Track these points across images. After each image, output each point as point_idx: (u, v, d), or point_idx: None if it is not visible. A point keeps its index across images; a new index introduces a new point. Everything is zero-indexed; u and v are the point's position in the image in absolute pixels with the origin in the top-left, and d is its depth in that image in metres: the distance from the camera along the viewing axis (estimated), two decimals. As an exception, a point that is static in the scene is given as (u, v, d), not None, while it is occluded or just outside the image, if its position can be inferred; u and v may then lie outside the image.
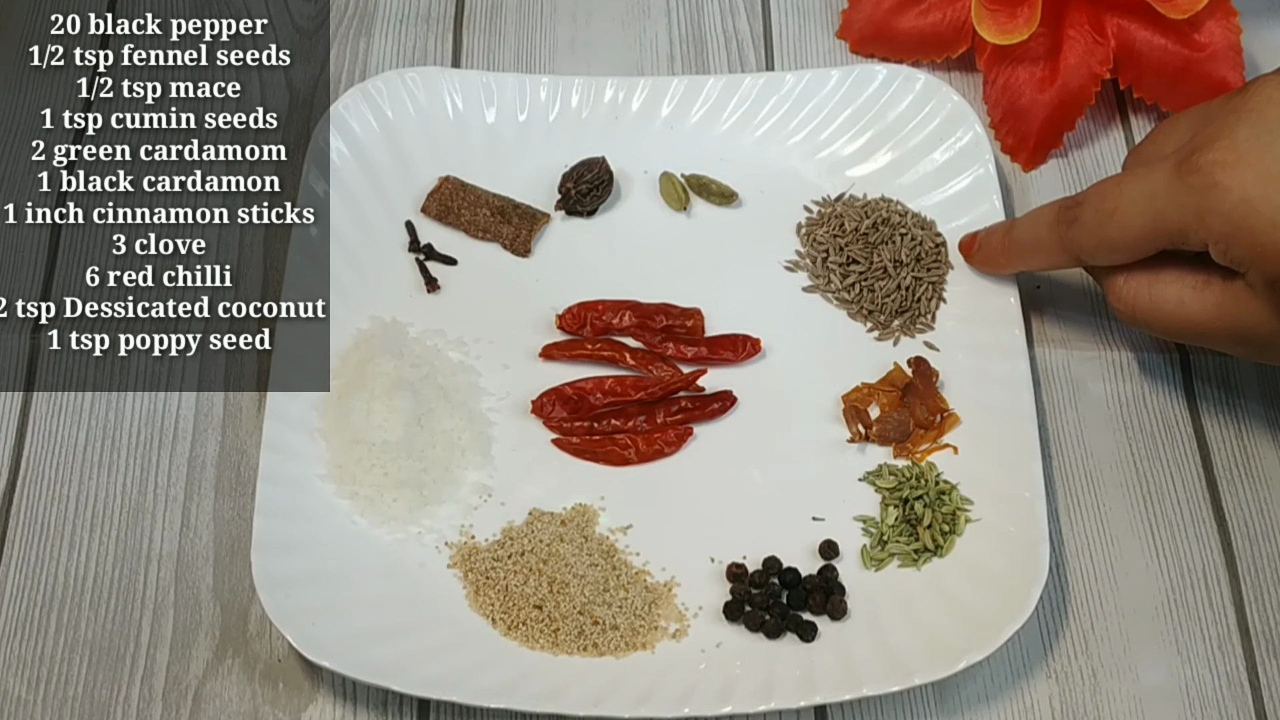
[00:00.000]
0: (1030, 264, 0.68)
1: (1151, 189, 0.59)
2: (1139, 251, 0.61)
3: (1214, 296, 0.60)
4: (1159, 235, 0.59)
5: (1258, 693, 0.63)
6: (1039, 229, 0.65)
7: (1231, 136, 0.57)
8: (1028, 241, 0.66)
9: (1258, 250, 0.56)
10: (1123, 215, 0.60)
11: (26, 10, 0.82)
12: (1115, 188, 0.61)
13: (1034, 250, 0.66)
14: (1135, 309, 0.62)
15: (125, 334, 0.70)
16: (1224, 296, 0.59)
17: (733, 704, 0.58)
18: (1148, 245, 0.61)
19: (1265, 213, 0.55)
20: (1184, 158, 0.58)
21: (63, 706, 0.61)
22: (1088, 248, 0.63)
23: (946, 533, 0.64)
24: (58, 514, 0.66)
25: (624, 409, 0.68)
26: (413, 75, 0.75)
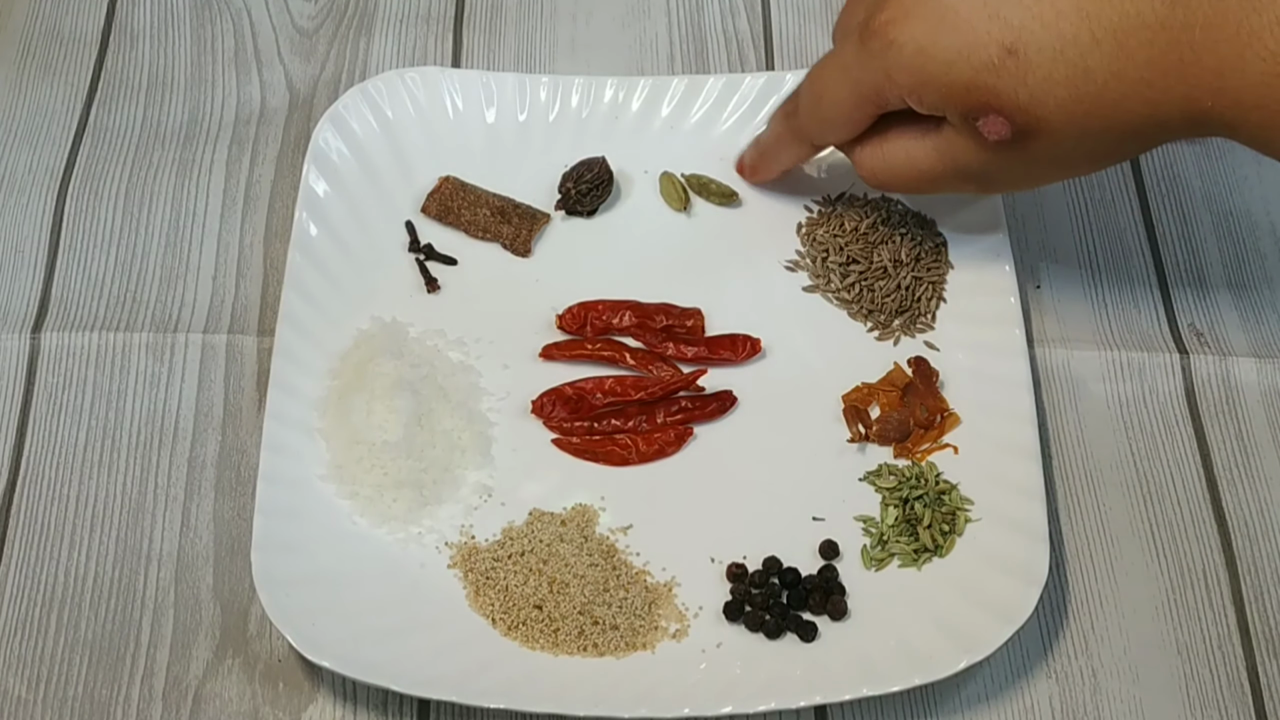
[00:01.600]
0: (783, 160, 0.72)
1: (845, 62, 0.63)
2: (855, 121, 0.65)
3: (931, 143, 0.63)
4: (864, 102, 0.63)
5: (1258, 693, 0.63)
6: (775, 127, 0.71)
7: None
8: (772, 142, 0.71)
9: (943, 92, 0.59)
10: (830, 94, 0.64)
11: (26, 10, 0.82)
12: (819, 71, 0.65)
13: (778, 147, 0.71)
14: (875, 172, 0.66)
15: (125, 334, 0.70)
16: (939, 141, 0.62)
17: (733, 704, 0.58)
18: (860, 115, 0.64)
19: (939, 56, 0.59)
20: (864, 24, 0.61)
21: (63, 706, 0.61)
22: (813, 129, 0.67)
23: (946, 533, 0.64)
24: (58, 514, 0.66)
25: (624, 409, 0.68)
26: (413, 75, 0.75)
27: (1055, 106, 0.58)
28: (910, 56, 0.59)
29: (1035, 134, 0.59)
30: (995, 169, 0.62)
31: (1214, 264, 0.75)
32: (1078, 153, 0.61)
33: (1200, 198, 0.77)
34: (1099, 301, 0.73)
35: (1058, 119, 0.58)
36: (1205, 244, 0.76)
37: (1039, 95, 0.57)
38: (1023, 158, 0.60)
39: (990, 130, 0.59)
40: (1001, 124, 0.59)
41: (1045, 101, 0.58)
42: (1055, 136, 0.59)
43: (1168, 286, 0.74)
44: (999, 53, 0.57)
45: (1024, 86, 0.57)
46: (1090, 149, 0.60)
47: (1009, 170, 0.62)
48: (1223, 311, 0.73)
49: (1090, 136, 0.59)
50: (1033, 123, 0.58)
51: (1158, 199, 0.77)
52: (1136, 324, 0.73)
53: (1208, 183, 0.78)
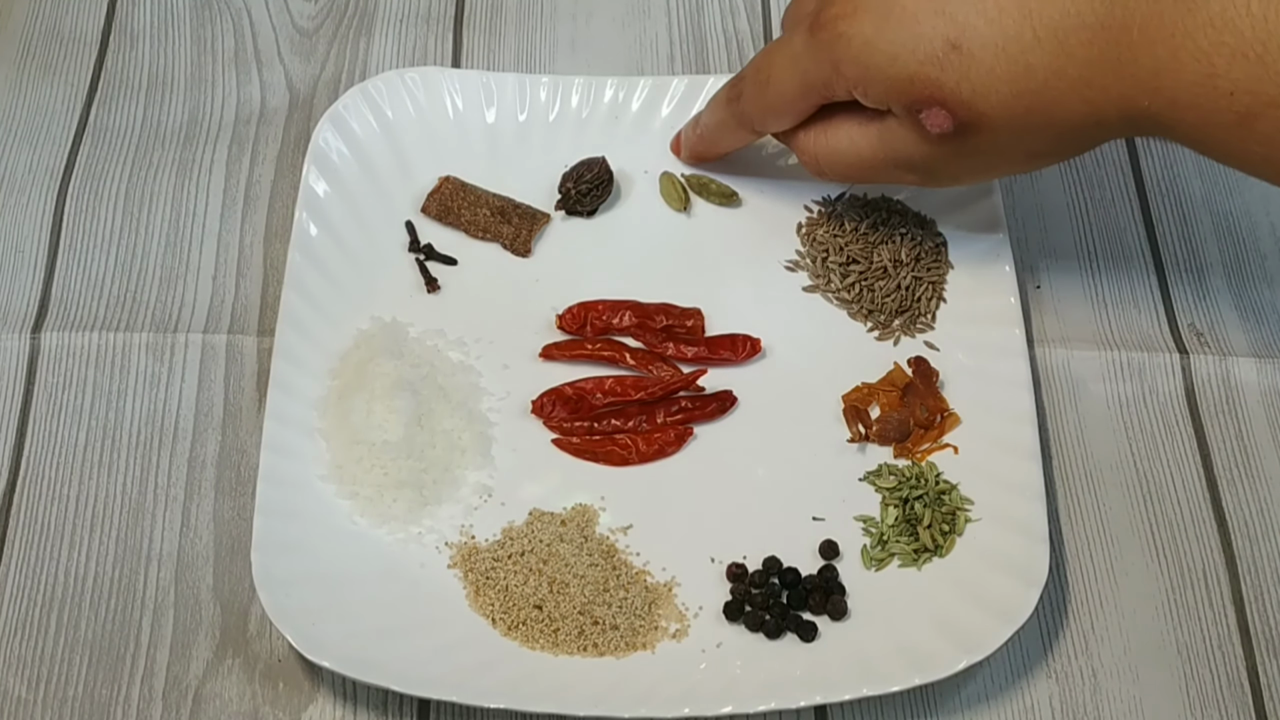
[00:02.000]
0: (723, 145, 0.73)
1: (794, 52, 0.64)
2: (799, 110, 0.66)
3: (875, 133, 0.64)
4: (810, 92, 0.64)
5: (1258, 693, 0.63)
6: (718, 111, 0.71)
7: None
8: (713, 125, 0.72)
9: (887, 85, 0.61)
10: (776, 81, 0.65)
11: (26, 10, 0.82)
12: (767, 58, 0.66)
13: (720, 131, 0.71)
14: (818, 159, 0.67)
15: (125, 334, 0.70)
16: (882, 131, 0.63)
17: (733, 704, 0.58)
18: (804, 103, 0.65)
19: (885, 49, 0.60)
20: (814, 16, 0.62)
21: (63, 706, 0.61)
22: (756, 116, 0.68)
23: (946, 532, 0.64)
24: (58, 514, 0.66)
25: (624, 409, 0.68)
26: (413, 75, 0.75)
27: (997, 102, 0.59)
28: (858, 49, 0.61)
29: (976, 128, 0.60)
30: (936, 161, 0.63)
31: (1214, 264, 0.75)
32: (1017, 148, 0.62)
33: (1200, 198, 0.77)
34: (1099, 301, 0.73)
35: (999, 114, 0.59)
36: (1205, 244, 0.76)
37: (981, 90, 0.59)
38: (963, 151, 0.62)
39: (933, 123, 0.60)
40: (944, 117, 0.60)
41: (987, 96, 0.59)
42: (996, 131, 0.60)
43: (1168, 286, 0.74)
44: (944, 47, 0.58)
45: (967, 81, 0.59)
46: (1030, 145, 0.61)
47: (949, 163, 0.63)
48: (1223, 311, 0.73)
49: (1030, 132, 0.60)
50: (974, 117, 0.59)
51: (1158, 199, 0.77)
52: (1136, 324, 0.73)
53: (1208, 183, 0.78)
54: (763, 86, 0.66)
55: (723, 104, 0.70)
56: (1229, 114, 0.55)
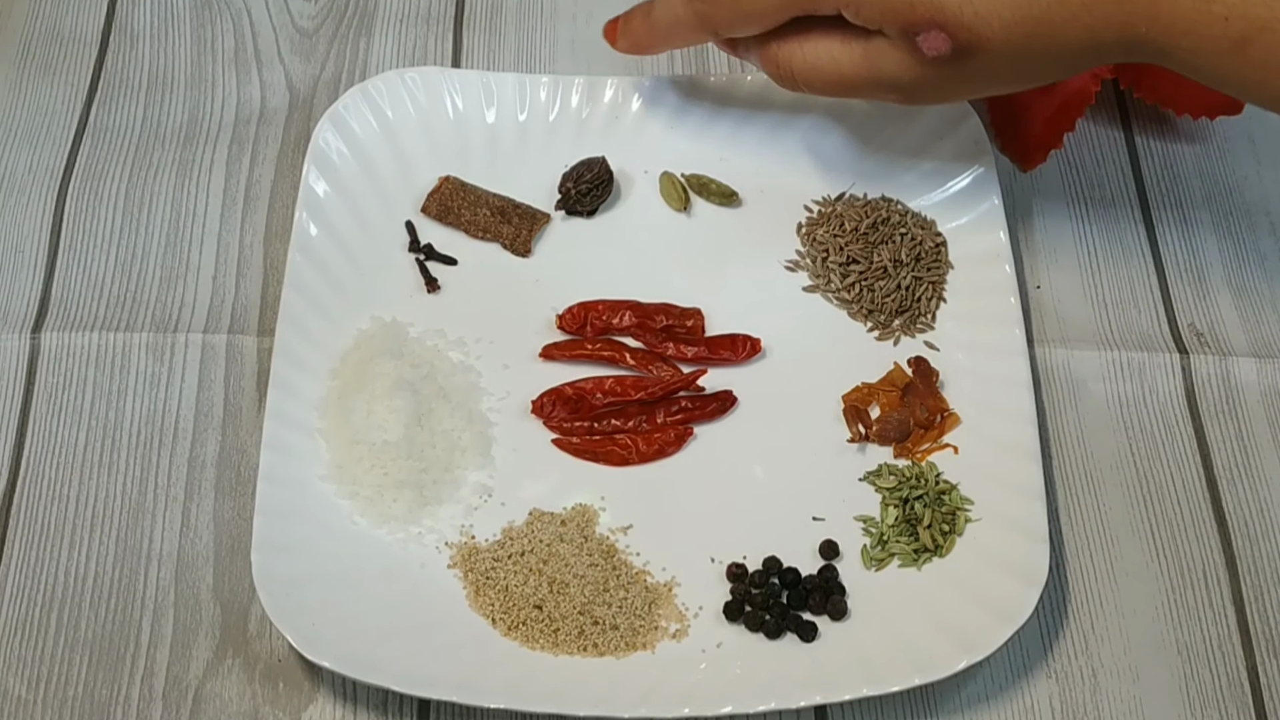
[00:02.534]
0: (672, 42, 0.70)
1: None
2: (772, 19, 0.64)
3: (860, 50, 0.62)
4: (792, 3, 0.63)
5: (1258, 693, 0.63)
6: (675, 8, 0.67)
7: None
8: (667, 20, 0.68)
9: (884, 7, 0.60)
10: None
11: (26, 10, 0.82)
12: None
13: (674, 28, 0.68)
14: (793, 71, 0.65)
15: (125, 334, 0.70)
16: (869, 49, 0.62)
17: (733, 704, 0.58)
18: (782, 14, 0.63)
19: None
20: None
21: (63, 706, 0.61)
22: (723, 20, 0.65)
23: (946, 532, 0.64)
24: (58, 514, 0.66)
25: (624, 409, 0.68)
26: (413, 75, 0.75)
27: (999, 26, 0.59)
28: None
29: (974, 52, 0.60)
30: (925, 82, 0.62)
31: (1214, 264, 0.75)
32: (1010, 71, 0.62)
33: (1200, 198, 0.77)
34: (1099, 301, 0.73)
35: (1000, 38, 0.59)
36: (1205, 244, 0.76)
37: (984, 14, 0.59)
38: (956, 74, 0.61)
39: (930, 46, 0.60)
40: (942, 40, 0.60)
41: (989, 21, 0.59)
42: (994, 55, 0.60)
43: (1168, 286, 0.74)
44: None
45: (970, 5, 0.59)
46: (1024, 69, 0.62)
47: (938, 85, 0.62)
48: (1223, 311, 0.73)
49: (1028, 57, 0.60)
50: (974, 40, 0.59)
51: (1158, 199, 0.77)
52: (1136, 324, 0.73)
53: (1208, 183, 0.78)
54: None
55: (683, 1, 0.67)
56: (1224, 39, 0.56)
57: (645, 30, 0.69)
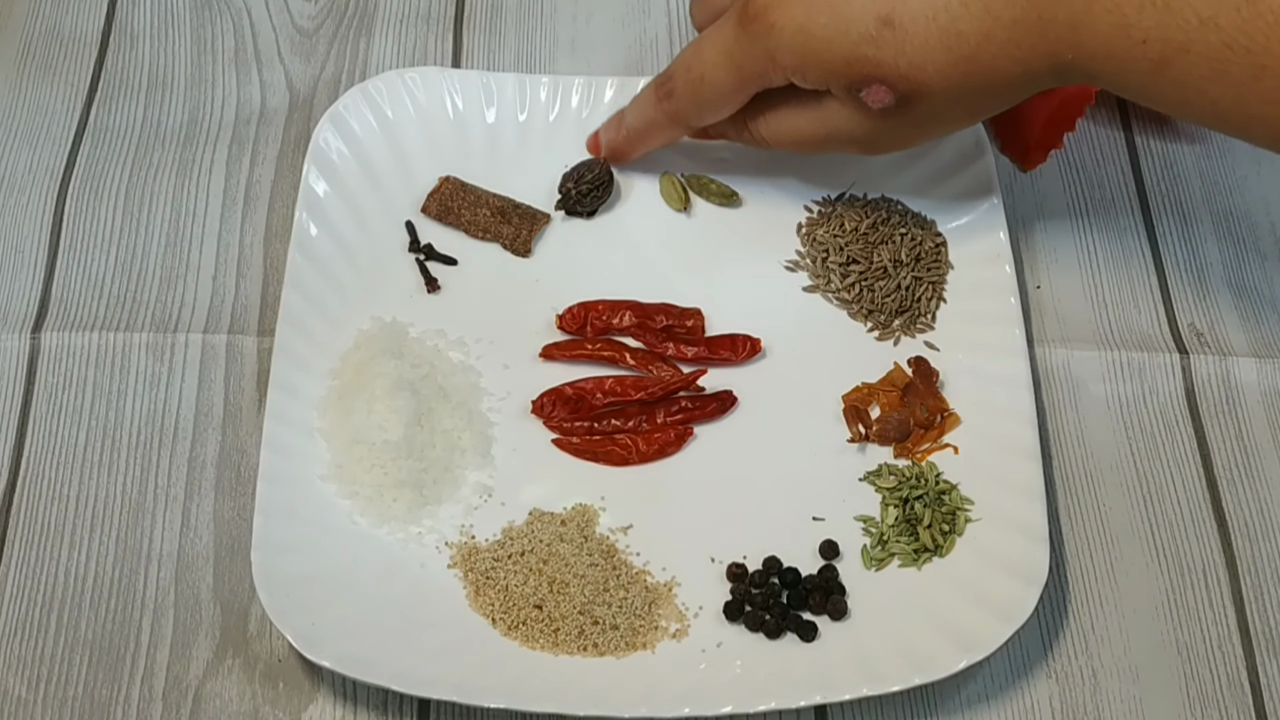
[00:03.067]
0: (652, 144, 0.72)
1: (726, 46, 0.65)
2: (736, 103, 0.67)
3: (816, 113, 0.65)
4: (747, 84, 0.65)
5: (1258, 693, 0.63)
6: (646, 111, 0.71)
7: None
8: (640, 125, 0.71)
9: (825, 68, 0.62)
10: (710, 78, 0.66)
11: (26, 10, 0.82)
12: (696, 54, 0.67)
13: (649, 131, 0.71)
14: (764, 141, 0.68)
15: (125, 334, 0.70)
16: (823, 110, 0.65)
17: (733, 704, 0.58)
18: (741, 95, 0.66)
19: (819, 34, 0.61)
20: (742, 9, 0.63)
21: (63, 706, 0.61)
22: (691, 114, 0.69)
23: (946, 532, 0.64)
24: (58, 514, 0.66)
25: (624, 409, 0.68)
26: (413, 75, 0.75)
27: (934, 71, 0.60)
28: (791, 37, 0.62)
29: (917, 98, 0.62)
30: (878, 133, 0.64)
31: (1214, 264, 0.75)
32: (958, 110, 0.64)
33: (1200, 198, 0.77)
34: (1099, 301, 0.73)
35: (937, 82, 0.61)
36: (1205, 244, 0.76)
37: (918, 62, 0.60)
38: (906, 121, 0.63)
39: (874, 99, 0.62)
40: (884, 92, 0.62)
41: (924, 67, 0.60)
42: (936, 98, 0.62)
43: (1168, 286, 0.74)
44: (876, 25, 0.60)
45: (903, 55, 0.60)
46: (969, 105, 0.63)
47: (892, 133, 0.65)
48: (1223, 311, 0.73)
49: (968, 95, 0.62)
50: (914, 88, 0.61)
51: (1158, 199, 0.77)
52: (1136, 324, 0.73)
53: (1208, 183, 0.78)
54: (696, 84, 0.67)
55: (651, 104, 0.70)
56: (1144, 61, 0.57)
57: (623, 137, 0.73)
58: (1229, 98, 0.57)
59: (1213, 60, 0.56)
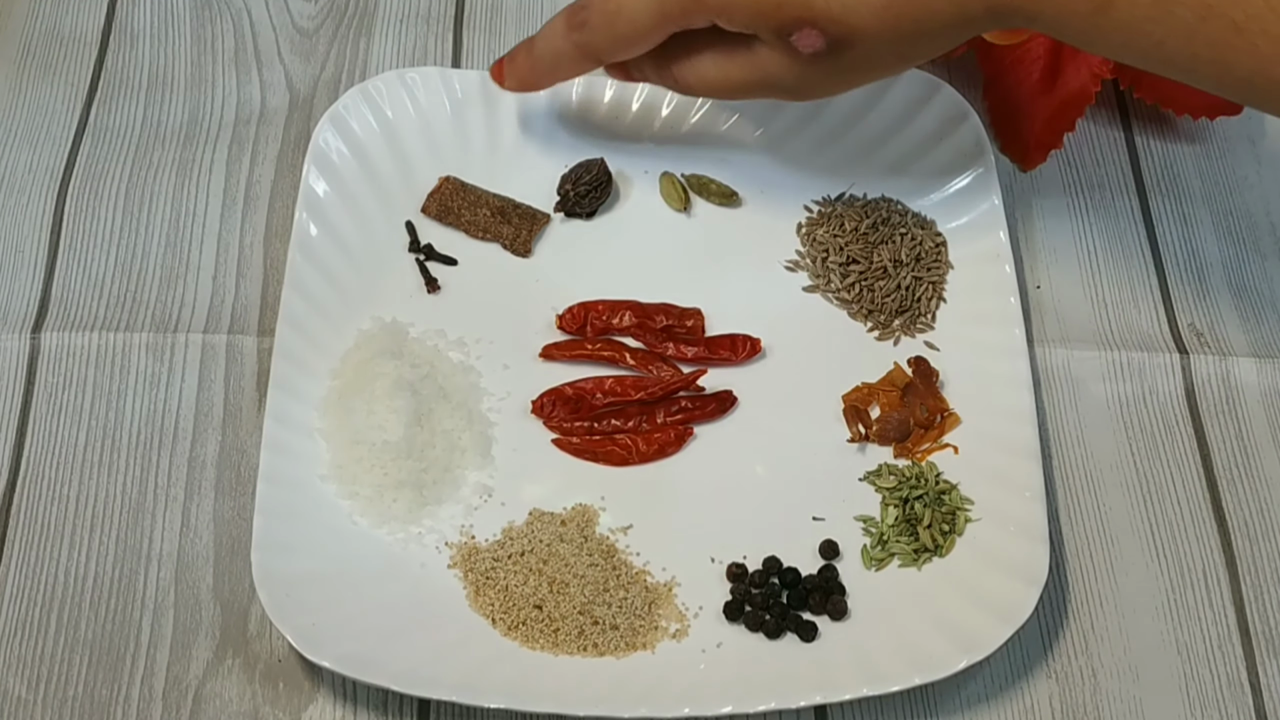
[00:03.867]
0: (558, 75, 0.70)
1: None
2: (652, 41, 0.64)
3: (744, 56, 0.63)
4: (667, 21, 0.63)
5: (1258, 693, 0.63)
6: (555, 41, 0.67)
7: None
8: (549, 55, 0.68)
9: (753, 10, 0.60)
10: (629, 11, 0.63)
11: (26, 10, 0.82)
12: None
13: (557, 62, 0.68)
14: (690, 87, 0.66)
15: (125, 334, 0.70)
16: (751, 55, 0.63)
17: (733, 704, 0.58)
18: (659, 33, 0.64)
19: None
20: None
21: (63, 706, 0.61)
22: (604, 48, 0.66)
23: (946, 532, 0.64)
24: (58, 514, 0.66)
25: (624, 409, 0.68)
26: (413, 75, 0.75)
27: (868, 13, 0.59)
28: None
29: (849, 43, 0.60)
30: (809, 79, 0.63)
31: (1214, 264, 0.75)
32: (890, 55, 0.62)
33: (1200, 198, 0.77)
34: (1099, 301, 0.73)
35: (871, 25, 0.59)
36: (1205, 244, 0.76)
37: (851, 5, 0.59)
38: (837, 66, 0.61)
39: (805, 44, 0.60)
40: (816, 37, 0.60)
41: (858, 10, 0.59)
42: (869, 43, 0.60)
43: (1168, 286, 0.74)
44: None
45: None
46: (902, 50, 0.62)
47: (823, 80, 0.63)
48: (1223, 311, 0.73)
49: (901, 39, 0.60)
50: (846, 32, 0.60)
51: (1158, 199, 0.77)
52: (1136, 324, 0.73)
53: (1208, 183, 0.78)
54: (612, 16, 0.64)
55: (562, 34, 0.67)
56: (1085, 2, 0.56)
57: (530, 67, 0.70)
58: (1174, 40, 0.55)
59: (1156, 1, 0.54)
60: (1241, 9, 0.53)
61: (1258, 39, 0.53)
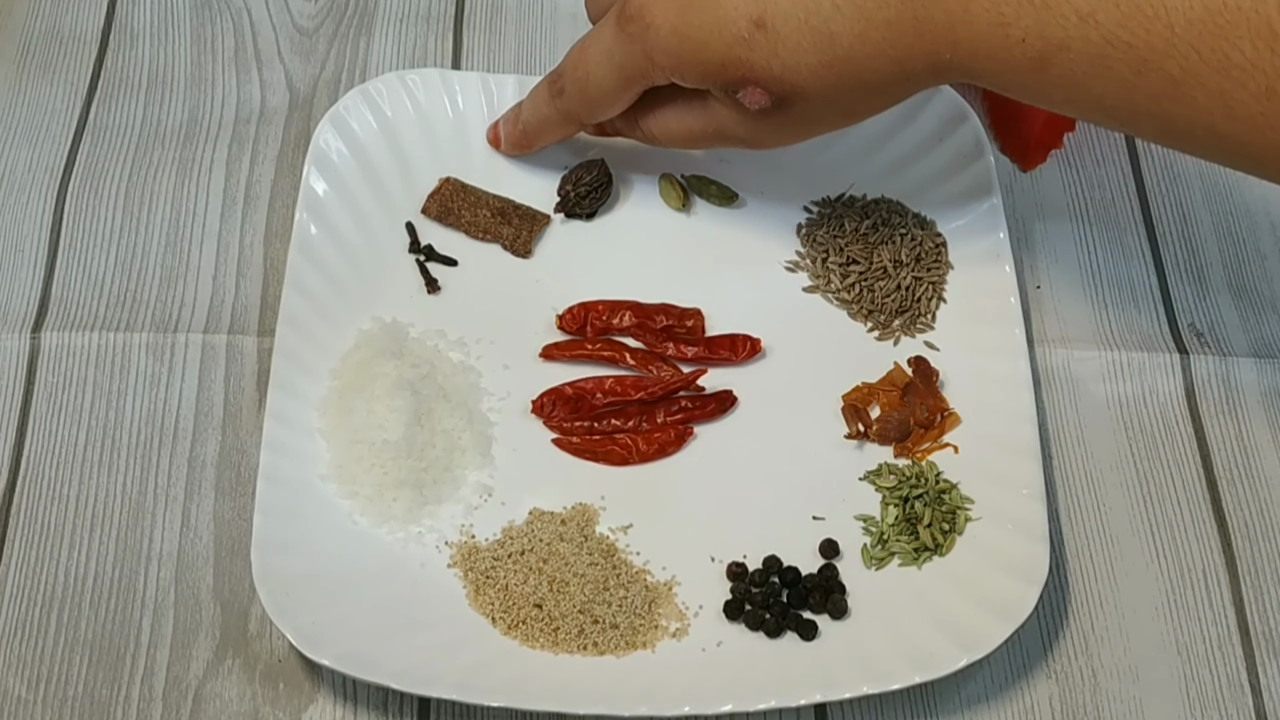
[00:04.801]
0: (548, 139, 0.73)
1: (608, 47, 0.65)
2: (624, 101, 0.67)
3: (700, 112, 0.66)
4: (630, 83, 0.65)
5: (1258, 693, 0.63)
6: (540, 108, 0.71)
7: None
8: (535, 121, 0.72)
9: (701, 70, 0.62)
10: (595, 78, 0.66)
11: (26, 10, 0.82)
12: (581, 54, 0.67)
13: (545, 127, 0.72)
14: (657, 139, 0.69)
15: (125, 334, 0.70)
16: (706, 110, 0.65)
17: (733, 702, 0.58)
18: (627, 94, 0.66)
19: (693, 35, 0.61)
20: (621, 8, 0.64)
21: (63, 706, 0.61)
22: (582, 112, 0.69)
23: (947, 532, 0.64)
24: (58, 514, 0.66)
25: (624, 409, 0.68)
26: (413, 76, 0.75)
27: (808, 73, 0.60)
28: (666, 38, 0.62)
29: (792, 100, 0.61)
30: (760, 132, 0.65)
31: (1214, 264, 0.75)
32: (834, 110, 0.63)
33: (1200, 198, 0.78)
34: (1099, 301, 0.74)
35: (812, 84, 0.61)
36: (1205, 244, 0.76)
37: (791, 64, 0.60)
38: (785, 121, 0.63)
39: (750, 100, 0.62)
40: (760, 94, 0.61)
41: (798, 69, 0.60)
42: (811, 99, 0.61)
43: (1168, 286, 0.74)
44: (748, 27, 0.60)
45: (776, 57, 0.60)
46: (846, 106, 0.63)
47: (773, 132, 0.65)
48: (1223, 311, 0.73)
49: (844, 95, 0.61)
50: (789, 90, 0.61)
51: (1158, 199, 0.77)
52: (1136, 324, 0.73)
53: (1208, 183, 0.78)
54: (583, 83, 0.67)
55: (545, 101, 0.70)
56: (1024, 59, 0.57)
57: (520, 132, 0.73)
58: (1113, 94, 0.56)
59: (1094, 57, 0.55)
60: (1177, 63, 0.53)
61: (1194, 91, 0.54)
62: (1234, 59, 0.52)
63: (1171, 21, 0.53)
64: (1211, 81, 0.53)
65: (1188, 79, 0.54)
